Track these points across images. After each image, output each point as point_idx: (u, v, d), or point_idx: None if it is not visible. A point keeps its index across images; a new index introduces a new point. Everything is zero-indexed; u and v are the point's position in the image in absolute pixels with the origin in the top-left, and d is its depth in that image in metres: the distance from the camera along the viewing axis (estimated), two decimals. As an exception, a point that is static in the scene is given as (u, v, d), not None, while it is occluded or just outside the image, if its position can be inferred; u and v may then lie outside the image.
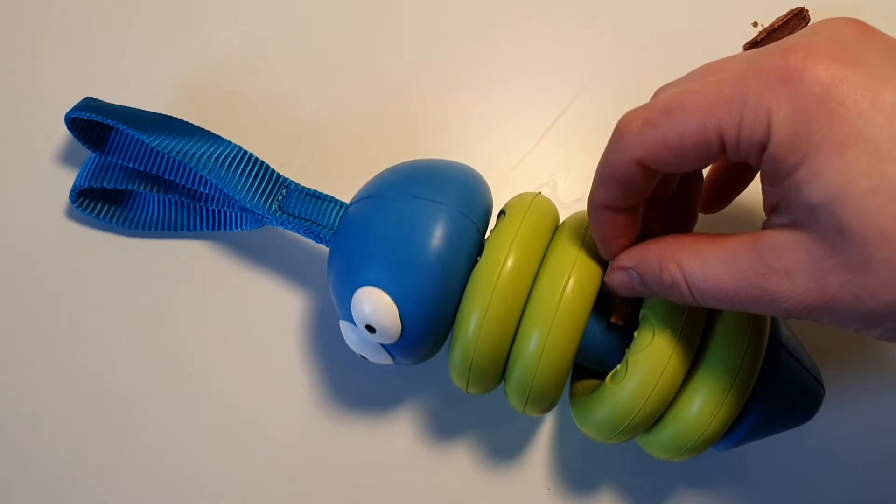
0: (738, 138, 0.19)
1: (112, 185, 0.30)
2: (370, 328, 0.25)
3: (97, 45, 0.35)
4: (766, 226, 0.20)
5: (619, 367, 0.24)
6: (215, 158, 0.27)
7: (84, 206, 0.32)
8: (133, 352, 0.32)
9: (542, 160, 0.34)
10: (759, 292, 0.19)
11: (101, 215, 0.32)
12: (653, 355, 0.23)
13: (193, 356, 0.32)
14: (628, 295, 0.24)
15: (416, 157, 0.34)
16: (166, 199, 0.32)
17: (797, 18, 0.33)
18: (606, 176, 0.22)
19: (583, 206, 0.34)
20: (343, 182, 0.32)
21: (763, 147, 0.19)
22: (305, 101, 0.34)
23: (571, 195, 0.34)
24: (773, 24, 0.34)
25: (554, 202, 0.33)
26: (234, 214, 0.31)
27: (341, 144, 0.34)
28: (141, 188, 0.31)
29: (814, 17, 0.34)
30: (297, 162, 0.33)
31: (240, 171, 0.28)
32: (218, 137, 0.29)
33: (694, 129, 0.19)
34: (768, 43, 0.34)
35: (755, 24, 0.35)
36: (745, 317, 0.24)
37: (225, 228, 0.32)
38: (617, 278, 0.23)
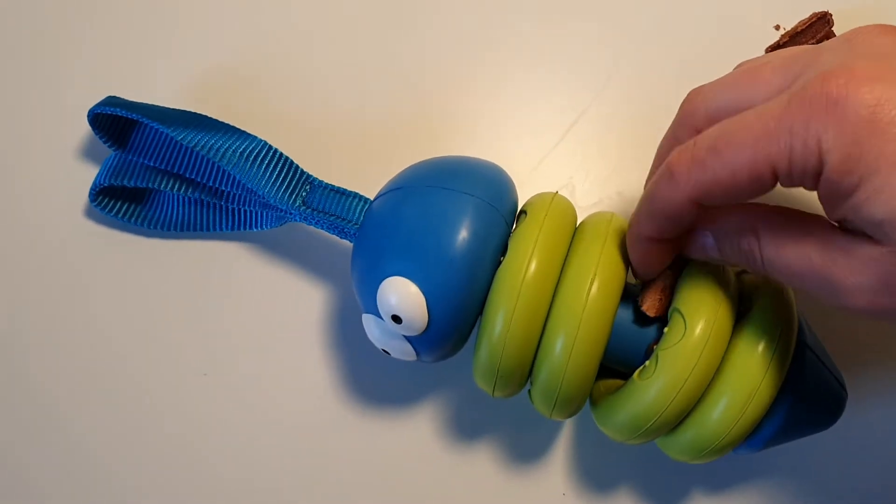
0: (790, 168, 0.19)
1: (133, 183, 0.30)
2: (396, 318, 0.24)
3: (118, 41, 0.35)
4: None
5: (647, 362, 0.24)
6: (240, 153, 0.27)
7: (103, 204, 0.32)
8: (153, 350, 0.32)
9: (560, 162, 0.34)
10: (822, 280, 0.20)
11: (121, 214, 0.32)
12: (684, 351, 0.23)
13: (214, 355, 0.32)
14: (698, 257, 0.24)
15: (434, 157, 0.34)
16: (187, 199, 0.32)
17: (821, 22, 0.33)
18: (655, 212, 0.22)
19: (600, 209, 0.34)
20: (361, 179, 0.32)
21: (817, 174, 0.19)
22: (324, 99, 0.34)
23: (589, 199, 0.33)
24: (796, 27, 0.33)
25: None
26: (256, 213, 0.31)
27: (360, 142, 0.34)
28: (162, 186, 0.31)
29: (837, 20, 0.33)
30: (314, 159, 0.33)
31: (264, 165, 0.28)
32: (242, 132, 0.29)
33: (745, 165, 0.20)
34: (790, 47, 0.33)
35: (777, 28, 0.34)
36: (773, 317, 0.24)
37: (247, 228, 0.32)
38: (693, 239, 0.23)
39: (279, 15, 0.35)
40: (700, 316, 0.23)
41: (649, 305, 0.25)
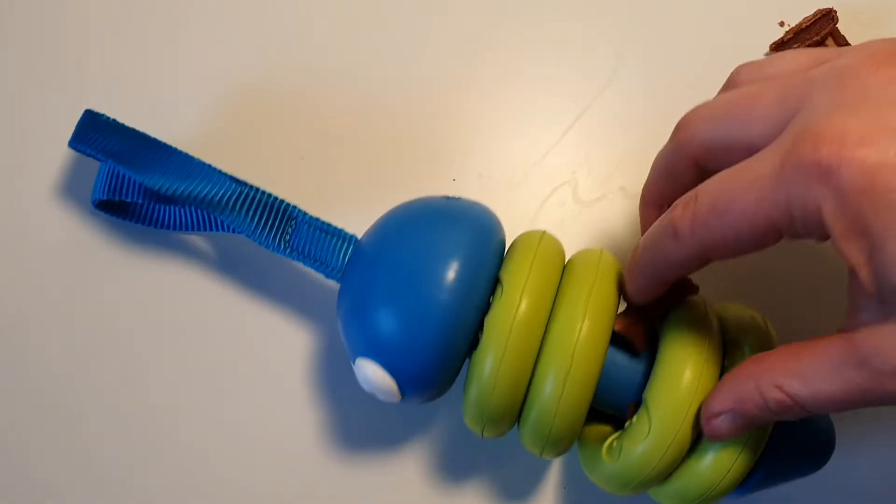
0: (793, 230, 0.19)
1: (129, 199, 0.30)
2: (371, 392, 0.25)
3: (120, 39, 0.35)
4: (854, 323, 0.20)
5: (615, 442, 0.25)
6: (217, 200, 0.27)
7: (105, 210, 0.32)
8: (150, 352, 0.32)
9: (563, 158, 0.34)
10: (874, 395, 0.19)
11: (122, 216, 0.32)
12: (648, 448, 0.23)
13: (195, 385, 0.32)
14: (737, 434, 0.23)
15: (435, 154, 0.34)
16: (182, 211, 0.32)
17: (825, 19, 0.33)
18: (658, 264, 0.23)
19: (603, 206, 0.34)
20: (368, 175, 0.32)
21: (825, 236, 0.19)
22: (325, 97, 0.34)
23: (592, 194, 0.33)
24: (801, 24, 0.33)
25: (574, 202, 0.33)
26: None
27: (365, 138, 0.34)
28: (155, 202, 0.30)
29: (842, 17, 0.33)
30: (315, 158, 0.33)
31: (244, 210, 0.27)
32: (220, 174, 0.28)
33: (747, 228, 0.20)
34: (795, 43, 0.33)
35: (782, 24, 0.34)
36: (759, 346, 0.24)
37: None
38: (721, 428, 0.22)
39: (283, 18, 0.35)
40: (663, 415, 0.23)
41: (637, 342, 0.25)
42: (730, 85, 0.25)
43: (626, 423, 0.25)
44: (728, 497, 0.25)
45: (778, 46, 0.34)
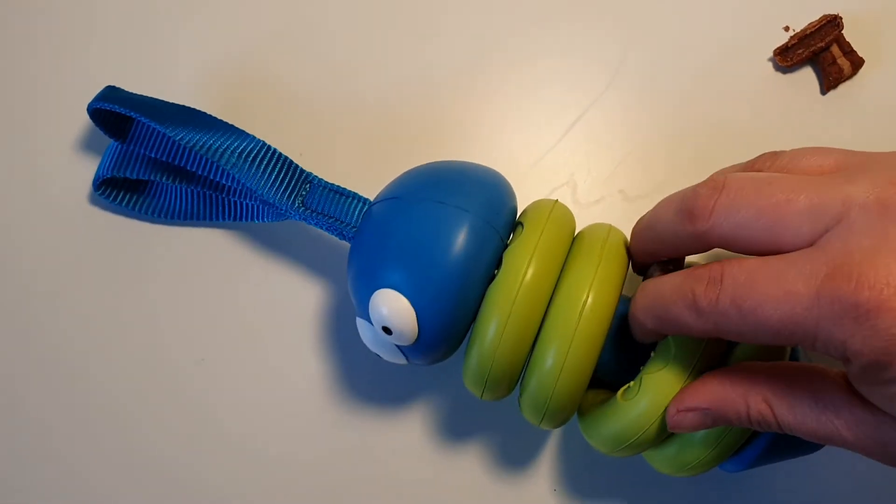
0: (811, 347, 0.20)
1: (134, 175, 0.31)
2: (387, 330, 0.25)
3: (121, 30, 0.35)
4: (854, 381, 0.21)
5: (632, 383, 0.24)
6: (238, 153, 0.27)
7: (106, 193, 0.32)
8: (151, 335, 0.32)
9: (561, 159, 0.34)
10: (855, 448, 0.21)
11: (124, 203, 0.32)
12: (667, 378, 0.23)
13: (207, 344, 0.32)
14: (698, 430, 0.23)
15: (434, 150, 0.34)
16: (188, 190, 0.32)
17: (830, 25, 0.33)
18: (669, 324, 0.23)
19: (602, 209, 0.34)
20: (364, 172, 0.32)
21: (843, 360, 0.20)
22: (327, 92, 0.34)
23: (591, 196, 0.33)
24: (806, 29, 0.33)
25: (572, 204, 0.33)
26: (256, 206, 0.31)
27: (364, 135, 0.34)
28: (163, 179, 0.31)
29: (847, 23, 0.33)
30: (315, 153, 0.33)
31: (263, 166, 0.28)
32: (241, 132, 0.29)
33: (768, 334, 0.20)
34: (799, 49, 0.33)
35: (786, 29, 0.34)
36: (763, 346, 0.24)
37: (248, 220, 0.32)
38: (687, 420, 0.23)
39: (285, 11, 0.35)
40: (688, 343, 0.24)
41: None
42: (751, 168, 0.25)
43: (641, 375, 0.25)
44: (727, 468, 0.26)
45: (782, 52, 0.33)
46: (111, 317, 0.32)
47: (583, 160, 0.34)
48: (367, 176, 0.32)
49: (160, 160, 0.30)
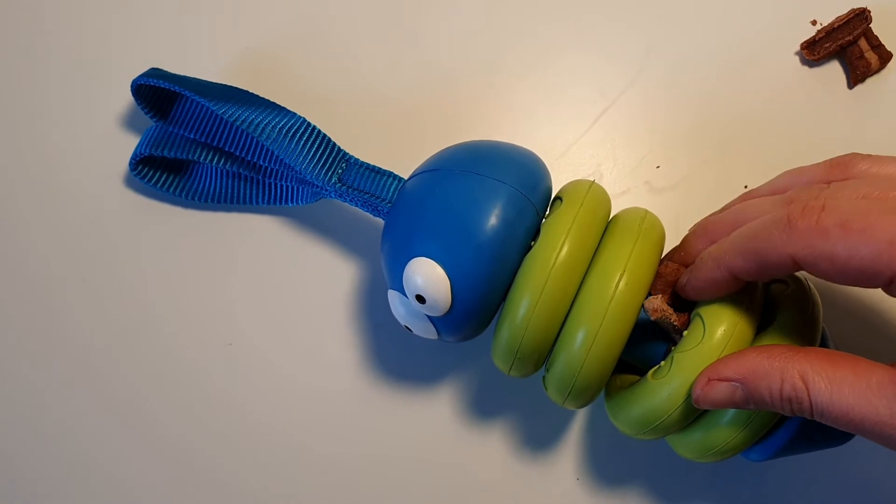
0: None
1: (172, 154, 0.31)
2: (420, 298, 0.25)
3: (161, 14, 0.36)
4: None
5: (663, 363, 0.24)
6: (279, 129, 0.28)
7: (143, 174, 0.33)
8: (183, 316, 0.33)
9: (588, 150, 0.34)
10: (888, 430, 0.20)
11: (160, 185, 0.33)
12: (699, 357, 0.23)
13: (241, 322, 0.33)
14: (723, 407, 0.23)
15: (463, 140, 0.35)
16: (225, 172, 0.33)
17: (858, 19, 0.33)
18: (751, 252, 0.22)
19: (628, 200, 0.34)
20: (393, 162, 0.32)
21: None
22: (357, 83, 0.35)
23: (617, 187, 0.34)
24: (833, 23, 0.33)
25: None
26: (292, 188, 0.32)
27: (392, 125, 0.34)
28: (201, 158, 0.31)
29: (875, 17, 0.33)
30: (347, 142, 0.34)
31: (303, 142, 0.28)
32: (282, 108, 0.29)
33: (867, 256, 0.19)
34: (826, 42, 0.33)
35: (814, 23, 0.34)
36: (794, 331, 0.24)
37: (282, 202, 0.32)
38: (716, 392, 0.22)
39: (313, 5, 0.36)
40: (720, 323, 0.23)
41: (653, 307, 0.25)
42: (837, 170, 0.24)
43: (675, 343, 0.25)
44: (751, 456, 0.26)
45: (809, 45, 0.33)
46: (144, 297, 0.33)
47: (609, 151, 0.34)
48: (391, 167, 0.33)
49: (199, 140, 0.31)
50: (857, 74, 0.33)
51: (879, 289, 0.20)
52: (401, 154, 0.34)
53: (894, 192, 0.21)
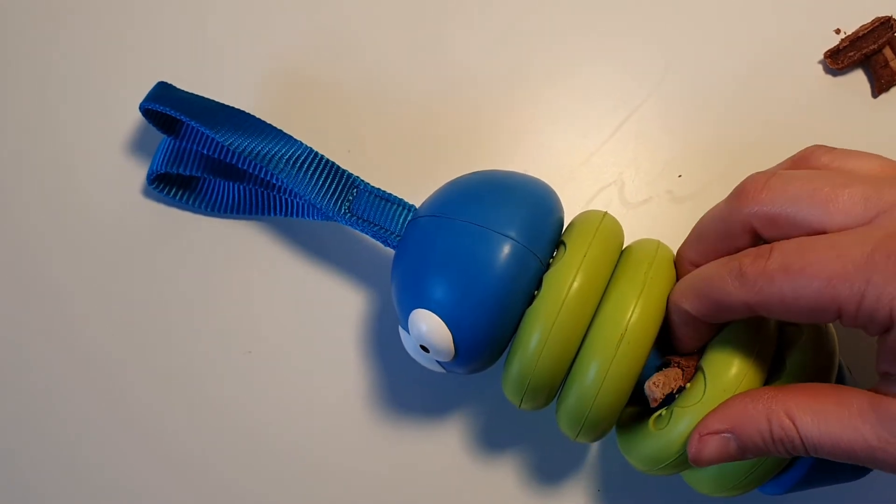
0: (856, 314, 0.19)
1: (187, 172, 0.31)
2: (425, 347, 0.25)
3: (177, 24, 0.35)
4: (884, 388, 0.21)
5: (663, 411, 0.24)
6: (286, 160, 0.28)
7: (160, 188, 0.33)
8: (198, 327, 0.33)
9: (610, 158, 0.34)
10: (879, 455, 0.20)
11: (176, 197, 0.33)
12: (700, 413, 0.23)
13: (251, 338, 0.33)
14: (721, 462, 0.23)
15: (483, 150, 0.34)
16: (239, 187, 0.33)
17: (883, 27, 0.33)
18: (707, 296, 0.22)
19: (650, 208, 0.34)
20: (413, 171, 0.33)
21: (884, 328, 0.19)
22: (375, 92, 0.34)
23: (639, 195, 0.33)
24: (857, 31, 0.33)
25: (620, 205, 0.33)
26: (305, 205, 0.32)
27: (413, 134, 0.34)
28: (214, 176, 0.31)
29: (900, 27, 0.33)
30: (362, 151, 0.34)
31: (310, 172, 0.28)
32: (289, 137, 0.29)
33: (812, 296, 0.20)
34: (850, 51, 0.33)
35: (838, 32, 0.34)
36: (808, 374, 0.24)
37: (297, 216, 0.32)
38: (709, 447, 0.22)
39: (337, 13, 0.35)
40: (721, 382, 0.23)
41: (652, 385, 0.24)
42: (801, 163, 0.25)
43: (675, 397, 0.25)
44: (766, 490, 0.25)
45: (833, 54, 0.33)
46: (159, 307, 0.33)
47: (631, 160, 0.34)
48: (415, 174, 0.33)
49: (212, 157, 0.31)
50: (881, 83, 0.33)
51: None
52: (423, 160, 0.34)
53: (847, 190, 0.21)
